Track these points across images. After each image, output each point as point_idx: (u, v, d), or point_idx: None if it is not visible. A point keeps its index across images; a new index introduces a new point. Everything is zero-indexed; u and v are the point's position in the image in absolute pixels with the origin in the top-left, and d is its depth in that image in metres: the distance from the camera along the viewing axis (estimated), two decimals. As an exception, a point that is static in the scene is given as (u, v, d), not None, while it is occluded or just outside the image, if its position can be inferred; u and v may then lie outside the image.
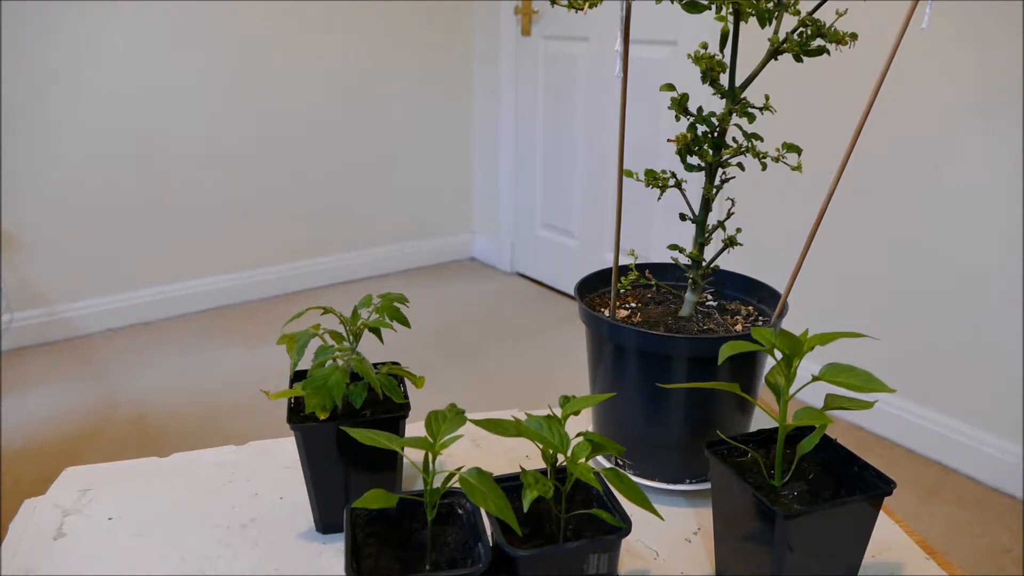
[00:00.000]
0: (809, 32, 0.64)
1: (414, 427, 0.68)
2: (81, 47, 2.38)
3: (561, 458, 0.53)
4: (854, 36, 0.63)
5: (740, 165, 0.72)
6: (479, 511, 0.54)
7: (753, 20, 0.65)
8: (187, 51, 2.57)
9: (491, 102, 3.17)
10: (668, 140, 0.71)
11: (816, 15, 0.64)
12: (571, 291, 0.91)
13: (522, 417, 0.54)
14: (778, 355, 0.55)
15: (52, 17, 2.31)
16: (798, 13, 0.65)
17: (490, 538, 0.53)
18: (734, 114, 0.67)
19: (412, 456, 0.70)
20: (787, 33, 0.65)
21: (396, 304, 0.64)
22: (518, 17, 2.96)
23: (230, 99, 2.69)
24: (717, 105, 0.70)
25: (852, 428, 2.06)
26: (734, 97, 0.68)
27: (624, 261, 0.76)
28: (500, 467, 0.59)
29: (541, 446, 0.53)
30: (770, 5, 0.65)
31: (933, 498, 1.79)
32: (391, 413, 0.63)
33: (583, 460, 0.52)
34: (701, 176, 0.71)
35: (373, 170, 3.07)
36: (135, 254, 2.65)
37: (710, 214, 0.73)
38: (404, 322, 0.64)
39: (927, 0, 0.57)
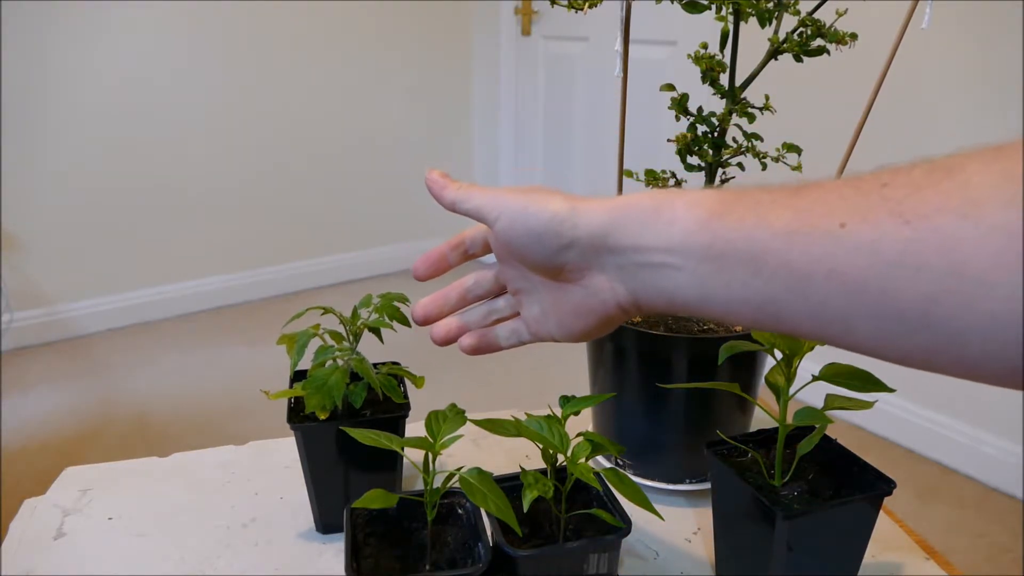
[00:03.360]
0: (809, 32, 0.64)
1: (414, 427, 0.68)
2: (81, 47, 2.38)
3: (561, 458, 0.53)
4: (854, 36, 0.63)
5: (740, 165, 0.71)
6: (479, 511, 0.54)
7: (753, 20, 0.65)
8: (187, 51, 2.57)
9: (491, 102, 3.17)
10: (668, 140, 0.71)
11: (816, 15, 0.64)
12: (571, 291, 0.91)
13: (522, 417, 0.54)
14: (778, 355, 0.55)
15: (52, 17, 2.31)
16: (798, 13, 0.65)
17: (490, 538, 0.53)
18: (734, 114, 0.67)
19: (412, 456, 0.70)
20: (787, 33, 0.65)
21: (396, 304, 0.64)
22: (518, 17, 2.97)
23: (230, 100, 2.69)
24: (717, 105, 0.70)
25: (852, 428, 2.06)
26: (734, 97, 0.68)
27: (624, 261, 0.76)
28: (500, 467, 0.59)
29: (541, 446, 0.53)
30: (770, 5, 0.65)
31: (933, 498, 1.79)
32: (391, 413, 0.63)
33: (583, 460, 0.52)
34: (701, 176, 0.71)
35: (373, 170, 3.07)
36: (135, 254, 2.65)
37: (710, 214, 0.73)
38: (404, 322, 0.64)
39: (927, 0, 0.57)
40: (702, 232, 0.36)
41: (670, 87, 0.69)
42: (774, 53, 0.66)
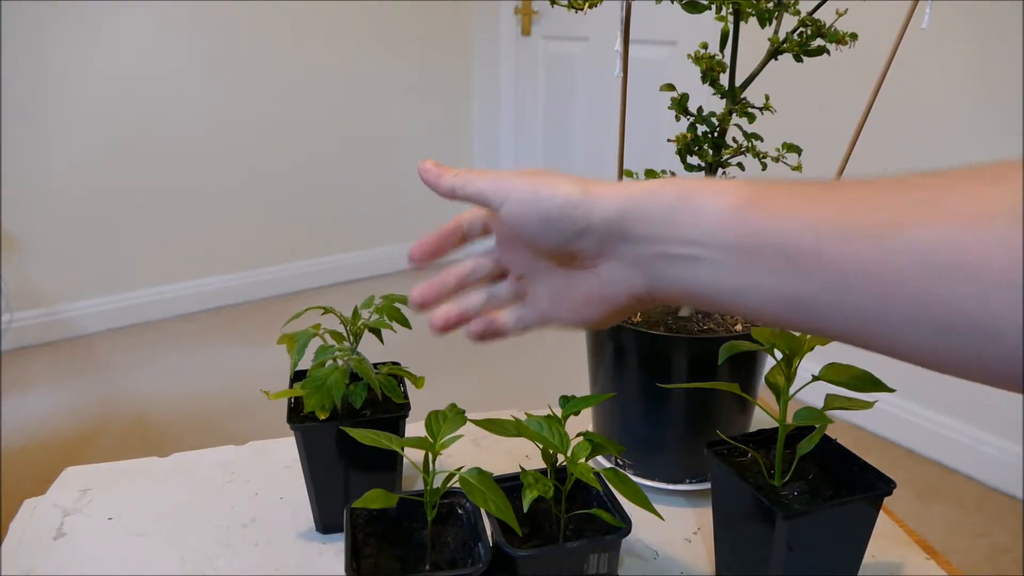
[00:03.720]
0: (809, 32, 0.64)
1: (414, 427, 0.68)
2: (81, 47, 2.38)
3: (561, 458, 0.53)
4: (854, 36, 0.63)
5: (740, 165, 0.71)
6: (479, 511, 0.54)
7: (753, 20, 0.65)
8: (187, 52, 2.57)
9: (491, 102, 3.17)
10: (668, 140, 0.71)
11: (816, 15, 0.64)
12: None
13: (522, 417, 0.54)
14: (778, 355, 0.55)
15: (52, 17, 2.31)
16: (798, 13, 0.65)
17: (490, 538, 0.53)
18: (734, 114, 0.67)
19: (412, 456, 0.70)
20: (787, 33, 0.65)
21: (396, 304, 0.64)
22: (518, 17, 2.97)
23: (230, 100, 2.69)
24: (717, 105, 0.70)
25: (852, 428, 2.06)
26: (734, 97, 0.68)
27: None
28: (500, 467, 0.59)
29: (541, 446, 0.53)
30: (770, 5, 0.65)
31: (933, 498, 1.79)
32: (391, 413, 0.63)
33: (583, 460, 0.52)
34: (701, 176, 0.71)
35: (373, 169, 3.07)
36: (135, 254, 2.65)
37: (710, 214, 0.73)
38: (404, 322, 0.64)
39: (927, 0, 0.57)
40: (734, 221, 0.34)
41: (670, 87, 0.69)
42: (774, 53, 0.66)
